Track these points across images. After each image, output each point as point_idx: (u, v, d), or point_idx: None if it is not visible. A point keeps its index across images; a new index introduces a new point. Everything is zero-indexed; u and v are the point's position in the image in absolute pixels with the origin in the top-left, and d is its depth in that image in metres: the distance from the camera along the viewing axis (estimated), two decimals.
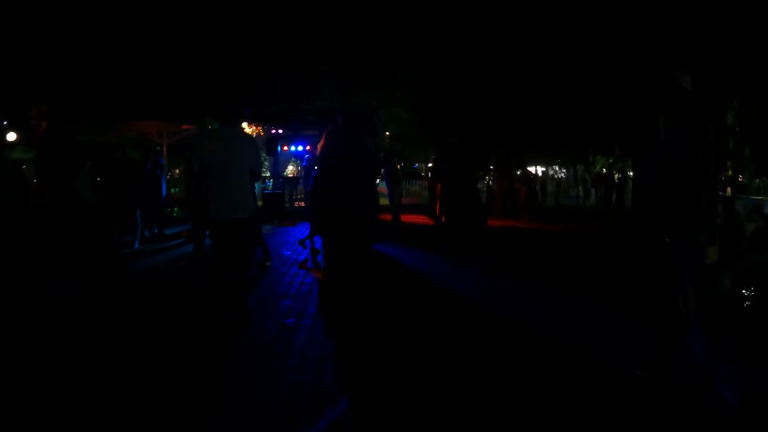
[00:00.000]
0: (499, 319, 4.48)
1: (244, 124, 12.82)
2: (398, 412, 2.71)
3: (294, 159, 19.48)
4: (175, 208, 11.64)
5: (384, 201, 8.77)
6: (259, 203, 10.19)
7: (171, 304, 4.84)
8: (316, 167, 5.41)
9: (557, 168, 38.76)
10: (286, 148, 15.07)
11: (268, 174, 14.97)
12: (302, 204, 14.36)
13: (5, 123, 13.86)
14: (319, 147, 4.70)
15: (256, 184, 4.80)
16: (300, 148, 14.64)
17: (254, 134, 13.19)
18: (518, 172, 19.87)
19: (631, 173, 21.24)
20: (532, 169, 30.78)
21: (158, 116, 12.61)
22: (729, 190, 17.93)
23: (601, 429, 2.58)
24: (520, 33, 15.98)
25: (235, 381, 3.08)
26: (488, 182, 23.07)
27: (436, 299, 5.20)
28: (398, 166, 16.07)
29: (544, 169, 37.74)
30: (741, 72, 13.15)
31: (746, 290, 4.41)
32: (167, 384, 3.05)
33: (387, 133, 20.25)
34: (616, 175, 27.67)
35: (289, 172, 20.65)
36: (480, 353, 3.62)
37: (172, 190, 12.71)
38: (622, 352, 3.46)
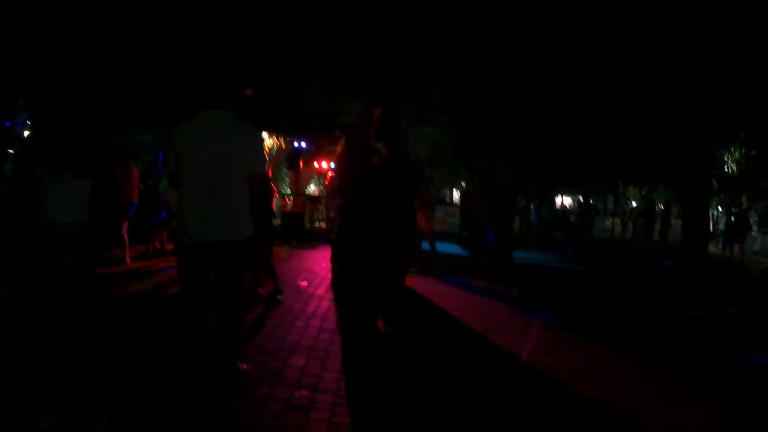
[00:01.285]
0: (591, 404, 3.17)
1: (264, 134, 11.76)
2: None
3: (316, 177, 18.40)
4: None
5: None
6: (277, 222, 9.07)
7: (134, 356, 3.61)
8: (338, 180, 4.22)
9: (581, 199, 37.15)
10: (316, 165, 13.98)
11: (288, 191, 13.88)
12: (323, 225, 13.20)
13: (28, 122, 13.05)
14: (338, 151, 3.53)
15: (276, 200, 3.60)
16: (324, 164, 13.52)
17: (275, 147, 12.08)
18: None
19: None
20: (557, 199, 29.32)
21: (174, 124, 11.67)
22: None
23: None
24: (555, 52, 14.98)
25: None
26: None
27: (494, 364, 3.91)
28: None
29: (570, 200, 36.21)
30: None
31: None
32: None
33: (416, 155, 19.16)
34: (659, 207, 26.14)
35: (310, 191, 19.59)
36: None
37: None
38: None
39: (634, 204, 30.60)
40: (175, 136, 2.87)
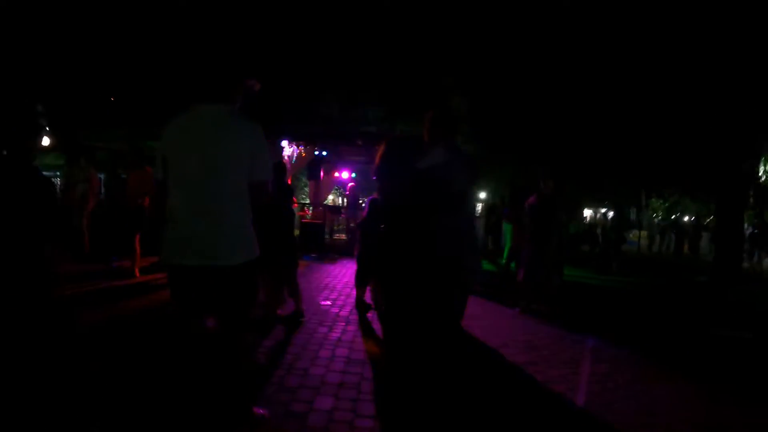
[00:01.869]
0: None
1: (284, 142, 11.36)
2: None
3: (337, 187, 17.95)
4: None
5: None
6: (295, 233, 8.61)
7: (121, 397, 3.13)
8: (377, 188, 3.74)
9: (612, 212, 36.21)
10: (336, 174, 13.53)
11: (307, 201, 13.44)
12: (343, 237, 12.73)
13: (47, 129, 12.88)
14: (378, 158, 3.06)
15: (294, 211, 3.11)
16: (345, 174, 13.07)
17: (294, 156, 11.66)
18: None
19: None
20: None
21: None
22: None
23: None
24: (587, 57, 14.38)
25: None
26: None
27: (548, 407, 3.36)
28: None
29: (590, 212, 35.30)
30: None
31: None
32: None
33: None
34: (688, 221, 25.30)
35: (329, 200, 19.18)
36: None
37: None
38: None
39: (655, 216, 29.84)
40: (162, 136, 2.35)
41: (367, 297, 5.40)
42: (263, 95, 2.92)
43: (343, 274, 7.94)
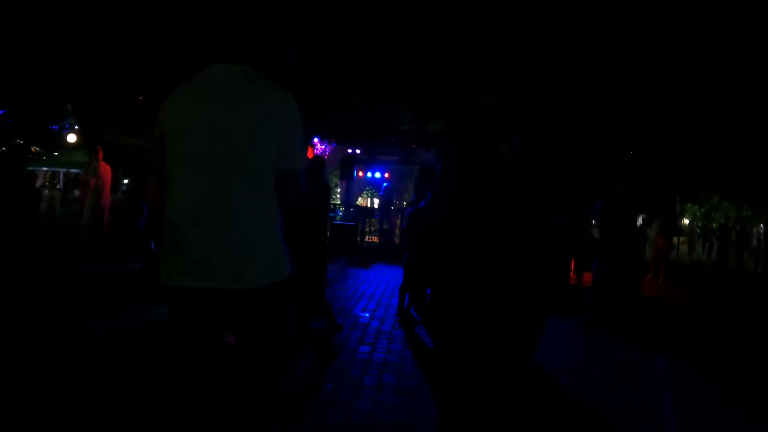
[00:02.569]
0: None
1: (315, 140, 10.83)
2: None
3: (368, 188, 17.35)
4: None
5: None
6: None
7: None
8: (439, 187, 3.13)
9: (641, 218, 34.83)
10: (361, 174, 12.91)
11: (338, 201, 12.86)
12: (375, 239, 12.15)
13: (77, 127, 12.72)
14: (444, 150, 2.46)
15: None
16: (378, 174, 12.46)
17: (323, 153, 11.11)
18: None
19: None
20: None
21: None
22: None
23: None
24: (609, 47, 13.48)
25: None
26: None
27: None
28: None
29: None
30: None
31: None
32: None
33: None
34: (733, 228, 23.97)
35: (359, 201, 18.64)
36: None
37: None
38: None
39: (686, 221, 28.58)
40: (161, 109, 1.66)
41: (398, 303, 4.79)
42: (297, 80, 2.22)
43: (379, 280, 7.35)
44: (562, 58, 13.08)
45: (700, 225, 26.95)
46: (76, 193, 12.43)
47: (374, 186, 14.65)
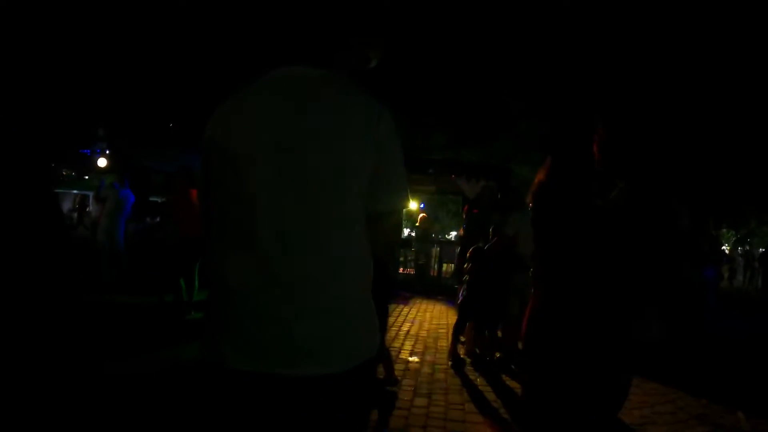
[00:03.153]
0: None
1: None
2: None
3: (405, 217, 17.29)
4: None
5: None
6: None
7: None
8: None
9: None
10: None
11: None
12: (411, 271, 11.97)
13: (108, 152, 12.99)
14: (537, 183, 2.19)
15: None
16: (413, 205, 12.36)
17: None
18: None
19: None
20: None
21: None
22: None
23: None
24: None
25: None
26: None
27: None
28: None
29: None
30: None
31: None
32: None
33: None
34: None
35: None
36: None
37: None
38: None
39: (725, 247, 27.68)
40: (208, 126, 1.24)
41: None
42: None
43: (421, 318, 7.13)
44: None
45: (741, 252, 26.04)
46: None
47: (411, 217, 14.51)
